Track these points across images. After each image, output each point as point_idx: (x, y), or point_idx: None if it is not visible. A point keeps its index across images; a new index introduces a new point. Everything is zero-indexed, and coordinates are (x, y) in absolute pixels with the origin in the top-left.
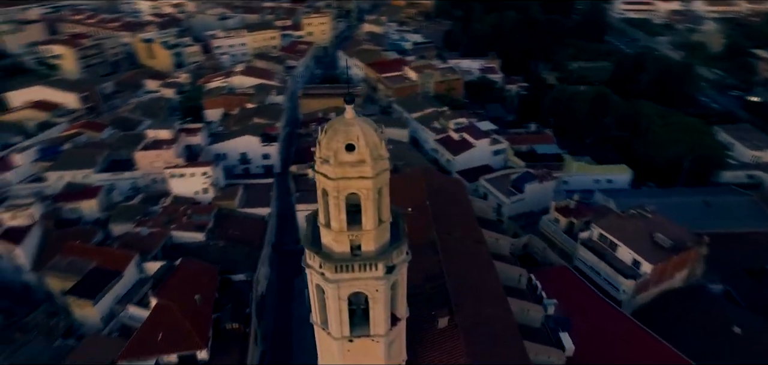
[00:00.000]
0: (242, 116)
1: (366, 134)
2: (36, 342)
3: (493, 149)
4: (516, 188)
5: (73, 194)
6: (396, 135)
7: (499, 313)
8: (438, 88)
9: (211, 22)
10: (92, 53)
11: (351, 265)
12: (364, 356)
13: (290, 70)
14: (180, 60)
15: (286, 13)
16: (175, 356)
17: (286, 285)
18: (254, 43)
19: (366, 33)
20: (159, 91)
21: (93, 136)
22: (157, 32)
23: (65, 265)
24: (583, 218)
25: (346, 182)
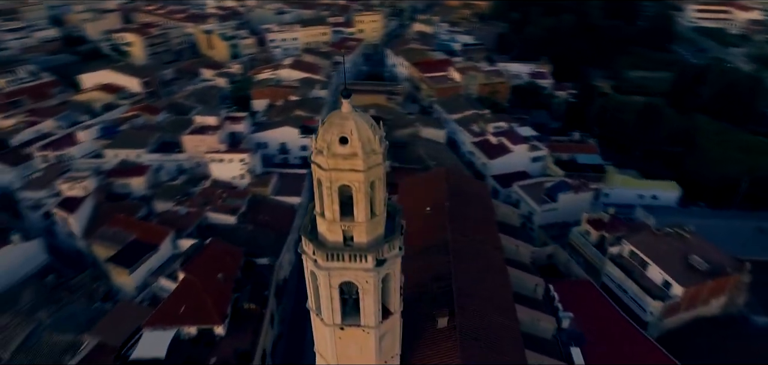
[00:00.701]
0: (285, 108)
1: (360, 128)
2: (78, 302)
3: (531, 155)
4: (549, 196)
5: (124, 170)
6: (433, 135)
7: (503, 320)
8: (482, 90)
9: (269, 16)
10: (158, 42)
11: (342, 254)
12: (355, 345)
13: (337, 66)
14: (236, 51)
15: (340, 9)
16: (194, 328)
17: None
18: (306, 38)
19: (415, 32)
20: (213, 80)
21: (149, 118)
22: (218, 24)
23: (110, 235)
24: (616, 232)
25: (338, 173)
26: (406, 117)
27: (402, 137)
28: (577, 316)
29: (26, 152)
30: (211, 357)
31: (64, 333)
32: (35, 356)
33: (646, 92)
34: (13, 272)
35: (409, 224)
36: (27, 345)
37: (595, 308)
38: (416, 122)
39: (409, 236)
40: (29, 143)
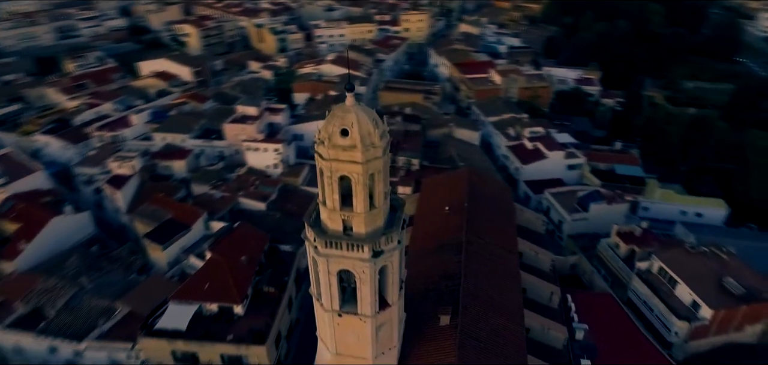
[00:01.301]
0: (324, 102)
1: (361, 122)
2: (117, 272)
3: (567, 162)
4: (581, 205)
5: (168, 153)
6: (466, 136)
7: (507, 324)
8: (522, 94)
9: (318, 13)
10: (213, 34)
11: (340, 243)
12: (352, 333)
13: (378, 63)
14: (284, 45)
15: (388, 8)
16: (215, 305)
17: None
18: (352, 34)
19: (461, 33)
20: (259, 72)
21: (196, 106)
22: (269, 18)
23: (149, 212)
24: (647, 247)
25: (338, 164)
26: (442, 117)
27: (435, 136)
28: (593, 329)
29: (85, 131)
30: (229, 334)
31: (102, 299)
32: (76, 317)
33: (702, 103)
34: (64, 240)
35: (427, 222)
36: (70, 305)
37: (613, 322)
38: (451, 122)
39: (425, 234)
40: (89, 123)
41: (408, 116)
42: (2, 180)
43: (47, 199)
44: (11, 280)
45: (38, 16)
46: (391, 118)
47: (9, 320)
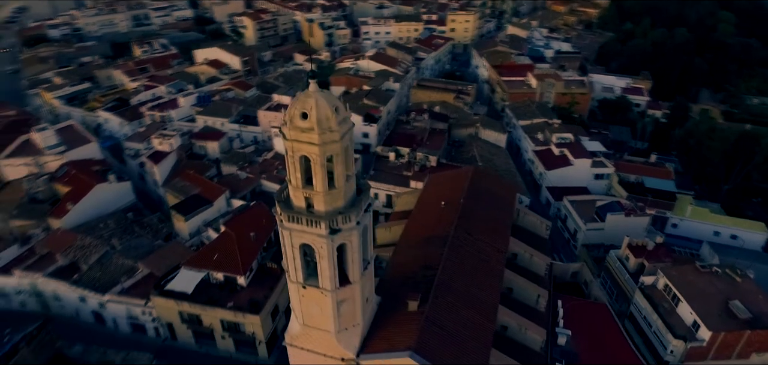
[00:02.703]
0: (356, 96)
1: (319, 106)
2: (144, 237)
3: (594, 171)
4: (598, 215)
5: (205, 134)
6: (493, 138)
7: (477, 318)
8: (559, 100)
9: (370, 10)
10: (268, 26)
11: (301, 218)
12: (315, 305)
13: (418, 62)
14: (331, 40)
15: (439, 8)
16: (221, 275)
17: None
18: (398, 32)
19: (507, 35)
20: (302, 64)
21: (239, 93)
22: (321, 14)
23: (179, 186)
24: (658, 262)
25: (298, 144)
26: (470, 117)
27: (461, 136)
28: (580, 337)
29: (140, 110)
30: (229, 302)
31: (127, 259)
32: (104, 273)
33: (764, 121)
34: (106, 204)
35: (423, 215)
36: (100, 261)
37: (603, 333)
38: (478, 122)
39: (418, 226)
40: (144, 103)
41: (435, 114)
42: (61, 148)
43: (96, 168)
44: (56, 236)
45: (118, 4)
46: (418, 115)
47: (50, 270)
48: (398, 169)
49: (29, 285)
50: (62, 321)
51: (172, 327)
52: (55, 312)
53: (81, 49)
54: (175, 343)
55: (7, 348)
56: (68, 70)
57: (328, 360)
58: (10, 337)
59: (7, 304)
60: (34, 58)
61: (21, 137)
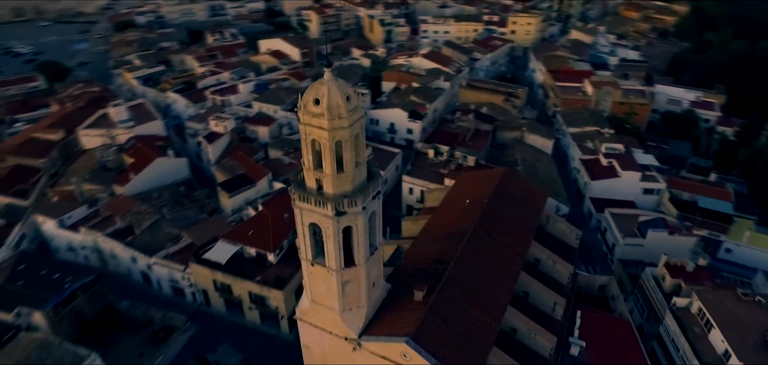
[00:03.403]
0: (405, 93)
1: (331, 94)
2: (192, 210)
3: (643, 185)
4: (639, 231)
5: (257, 120)
6: (538, 143)
7: (482, 315)
8: (616, 109)
9: (432, 9)
10: (331, 21)
11: (310, 198)
12: (322, 283)
13: (473, 62)
14: (390, 37)
15: (501, 9)
16: (254, 250)
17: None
18: (457, 32)
19: (570, 40)
20: (358, 59)
21: (295, 83)
22: (383, 11)
23: (228, 166)
24: (696, 285)
25: (310, 128)
26: (517, 121)
27: (505, 138)
28: (596, 350)
29: (204, 94)
30: (258, 276)
31: (174, 228)
32: (153, 238)
33: None
34: (163, 177)
35: (447, 212)
36: (151, 227)
37: (621, 350)
38: (524, 127)
39: (441, 221)
40: (208, 87)
41: (481, 115)
42: (131, 123)
43: (159, 143)
44: (117, 201)
45: None
46: (463, 114)
47: (109, 230)
48: (436, 166)
49: (92, 242)
50: (116, 278)
51: (206, 294)
52: (111, 269)
53: (162, 35)
54: (208, 309)
55: (66, 293)
56: (148, 54)
57: (333, 338)
58: (70, 285)
59: (74, 257)
60: (121, 42)
61: (99, 111)
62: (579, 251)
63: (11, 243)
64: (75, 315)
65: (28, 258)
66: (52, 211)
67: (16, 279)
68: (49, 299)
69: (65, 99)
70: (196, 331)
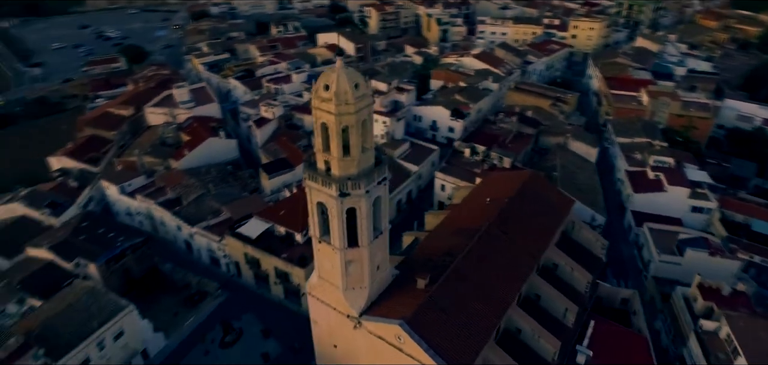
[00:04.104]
0: (451, 91)
1: (340, 81)
2: (235, 187)
3: (691, 203)
4: (678, 249)
5: (304, 108)
6: (582, 151)
7: (483, 311)
8: (673, 121)
9: (492, 10)
10: (390, 18)
11: (318, 178)
12: (328, 261)
13: (526, 65)
14: (445, 36)
15: (565, 13)
16: (284, 229)
17: (402, 226)
18: (515, 34)
19: (632, 47)
20: (410, 57)
21: None
22: (441, 10)
23: (272, 150)
24: (730, 310)
25: (320, 112)
26: (562, 126)
27: (548, 143)
28: (604, 362)
29: (261, 81)
30: (284, 253)
31: (215, 202)
32: (197, 210)
33: None
34: (214, 156)
35: (467, 208)
36: (197, 200)
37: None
38: (569, 133)
39: (459, 217)
40: (266, 76)
41: (526, 118)
42: (191, 104)
43: (213, 124)
44: (170, 174)
45: None
46: (506, 116)
47: (160, 199)
48: (470, 165)
49: (145, 209)
50: (164, 244)
51: (238, 266)
52: (160, 235)
53: (232, 26)
54: (238, 280)
55: (117, 251)
56: (216, 42)
57: (337, 315)
58: (121, 244)
59: (130, 221)
60: (194, 30)
61: (165, 92)
62: (612, 265)
63: (80, 204)
64: (124, 272)
65: (91, 218)
66: (116, 178)
67: (79, 234)
68: (103, 254)
69: (140, 80)
70: (226, 299)
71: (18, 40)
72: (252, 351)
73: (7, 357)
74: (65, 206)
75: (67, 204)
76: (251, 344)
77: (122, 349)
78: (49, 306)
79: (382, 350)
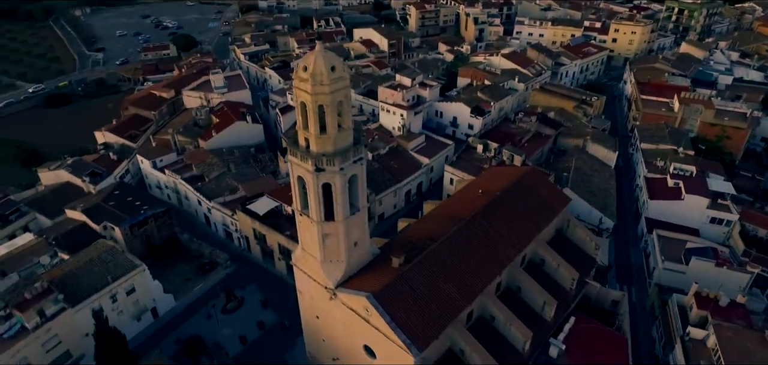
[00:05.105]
0: (474, 89)
1: (317, 63)
2: (254, 169)
3: (710, 213)
4: (685, 258)
5: None
6: (601, 154)
7: (454, 294)
8: (706, 130)
9: (534, 11)
10: (430, 16)
11: (297, 153)
12: (308, 232)
13: (558, 67)
14: (481, 35)
15: (609, 15)
16: (290, 208)
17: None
18: (553, 36)
19: (675, 53)
20: (442, 54)
21: (375, 71)
22: (480, 9)
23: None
24: (726, 322)
25: (298, 91)
26: (583, 129)
27: (566, 145)
28: (578, 358)
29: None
30: (287, 231)
31: (233, 181)
32: (217, 187)
33: None
34: (240, 139)
35: (461, 198)
36: (217, 178)
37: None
38: (588, 136)
39: (451, 206)
40: None
41: (547, 119)
42: (224, 90)
43: (242, 110)
44: (197, 152)
45: None
46: (525, 115)
47: (186, 175)
48: (481, 161)
49: (173, 183)
50: (187, 216)
51: (248, 241)
52: (185, 208)
53: (278, 19)
54: (248, 254)
55: (140, 218)
56: (259, 35)
57: (317, 286)
58: (144, 212)
59: (160, 194)
60: (242, 22)
61: (203, 78)
62: (619, 270)
63: (117, 175)
64: (145, 238)
65: (123, 187)
66: (150, 154)
67: (110, 200)
68: (127, 220)
69: (184, 66)
70: (234, 270)
71: (87, 27)
72: (250, 319)
73: (32, 298)
74: (104, 175)
75: (106, 174)
76: (250, 313)
77: (133, 304)
78: (73, 260)
79: (353, 322)
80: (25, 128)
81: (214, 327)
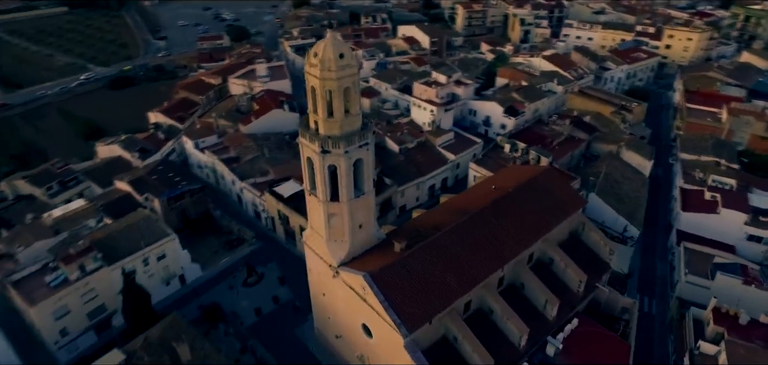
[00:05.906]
0: (511, 89)
1: (326, 50)
2: (286, 154)
3: (748, 230)
4: (710, 272)
5: (363, 92)
6: (635, 162)
7: (452, 283)
8: (756, 143)
9: (586, 14)
10: (477, 16)
11: (306, 135)
12: (315, 211)
13: (602, 71)
14: (527, 37)
15: (665, 21)
16: None
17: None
18: (602, 40)
19: (734, 61)
20: (484, 54)
21: (414, 67)
22: (529, 10)
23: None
24: (745, 342)
25: (309, 76)
26: (620, 135)
27: (599, 150)
28: (576, 359)
29: None
30: None
31: (265, 165)
32: (250, 168)
33: None
34: (276, 125)
35: (475, 192)
36: (251, 161)
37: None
38: (622, 142)
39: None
40: None
41: (581, 123)
42: (266, 79)
43: (281, 99)
44: (235, 136)
45: None
46: (559, 118)
47: (224, 156)
48: (506, 160)
49: (211, 164)
50: (222, 195)
51: (273, 221)
52: (221, 187)
53: (328, 14)
54: (272, 234)
55: (177, 192)
56: (307, 28)
57: (323, 264)
58: (181, 187)
59: (200, 173)
60: (294, 16)
61: (249, 67)
62: (642, 281)
63: (163, 152)
64: (181, 211)
65: (167, 164)
66: (194, 135)
67: (153, 175)
68: (165, 193)
69: (235, 55)
70: (258, 248)
71: (153, 17)
72: (267, 294)
73: (75, 254)
74: (151, 152)
75: (153, 152)
76: (268, 288)
77: (163, 269)
78: (115, 225)
79: (353, 301)
80: (92, 106)
81: (234, 298)
